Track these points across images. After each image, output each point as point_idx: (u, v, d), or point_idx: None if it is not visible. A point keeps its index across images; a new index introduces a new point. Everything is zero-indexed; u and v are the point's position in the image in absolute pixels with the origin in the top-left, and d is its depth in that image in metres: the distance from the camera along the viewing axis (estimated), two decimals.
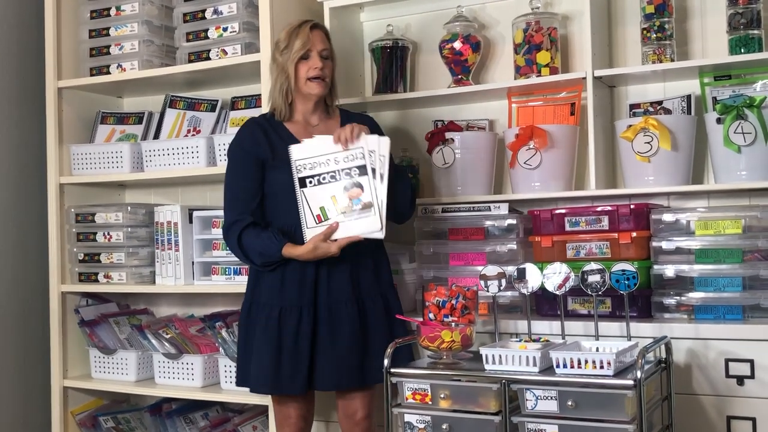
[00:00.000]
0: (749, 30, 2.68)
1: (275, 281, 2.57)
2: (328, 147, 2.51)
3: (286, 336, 2.53)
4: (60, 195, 3.48)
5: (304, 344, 2.52)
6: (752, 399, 2.37)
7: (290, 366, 2.52)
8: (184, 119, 3.44)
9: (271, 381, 2.54)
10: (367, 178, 2.49)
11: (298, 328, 2.53)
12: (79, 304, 3.54)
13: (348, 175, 2.50)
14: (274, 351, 2.53)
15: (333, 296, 2.55)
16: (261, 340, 2.56)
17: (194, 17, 3.28)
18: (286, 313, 2.54)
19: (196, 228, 3.27)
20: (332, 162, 2.50)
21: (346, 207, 2.49)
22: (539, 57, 2.93)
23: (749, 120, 2.59)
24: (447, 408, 2.26)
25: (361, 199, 2.49)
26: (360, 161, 2.50)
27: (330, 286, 2.55)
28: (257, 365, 2.56)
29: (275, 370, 2.53)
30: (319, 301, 2.55)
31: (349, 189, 2.49)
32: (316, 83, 2.60)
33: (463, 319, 2.41)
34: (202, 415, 3.43)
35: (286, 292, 2.55)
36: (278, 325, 2.54)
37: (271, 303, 2.57)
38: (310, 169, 2.50)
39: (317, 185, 2.50)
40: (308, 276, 2.54)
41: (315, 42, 2.60)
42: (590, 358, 2.13)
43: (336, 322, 2.54)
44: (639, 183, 2.76)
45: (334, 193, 2.49)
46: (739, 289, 2.53)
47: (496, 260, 2.85)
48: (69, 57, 3.52)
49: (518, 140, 2.87)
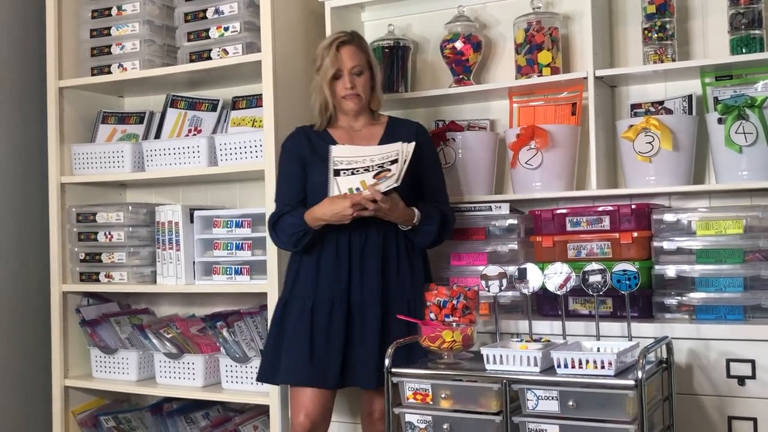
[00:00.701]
0: (750, 30, 2.68)
1: (311, 275, 2.62)
2: (367, 151, 2.60)
3: (318, 329, 2.58)
4: (61, 194, 3.48)
5: (336, 339, 2.56)
6: (753, 399, 2.37)
7: (323, 360, 2.56)
8: (185, 119, 3.44)
9: (303, 373, 2.56)
10: (396, 165, 2.55)
11: (330, 322, 2.57)
12: (80, 303, 3.54)
13: (380, 168, 2.56)
14: (306, 343, 2.57)
15: (364, 294, 2.59)
16: (294, 333, 2.60)
17: (195, 17, 3.28)
18: (318, 306, 2.59)
19: (197, 228, 3.27)
20: (368, 160, 2.59)
21: (373, 185, 2.54)
22: (540, 57, 2.93)
23: (750, 120, 2.59)
24: (448, 408, 2.26)
25: (386, 177, 2.54)
26: (394, 158, 2.56)
27: (362, 284, 2.59)
28: (289, 357, 2.59)
29: (308, 362, 2.56)
30: (352, 298, 2.59)
31: (378, 174, 2.56)
32: (349, 100, 2.66)
33: (464, 319, 2.41)
34: (203, 415, 3.43)
35: (320, 287, 2.61)
36: (311, 318, 2.59)
37: (304, 296, 2.62)
38: (347, 164, 2.59)
39: (351, 175, 2.57)
40: (342, 273, 2.59)
41: (344, 61, 2.63)
42: (591, 358, 2.13)
43: (366, 320, 2.58)
44: (640, 183, 2.76)
45: (364, 178, 2.56)
46: (740, 290, 2.53)
47: (497, 260, 2.85)
48: (70, 57, 3.52)
49: (519, 140, 2.87)
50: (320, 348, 2.57)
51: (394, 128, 2.73)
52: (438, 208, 2.68)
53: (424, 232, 2.64)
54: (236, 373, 3.17)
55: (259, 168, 3.06)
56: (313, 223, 2.58)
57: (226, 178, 3.43)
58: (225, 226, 3.20)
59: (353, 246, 2.61)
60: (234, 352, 3.16)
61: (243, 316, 3.19)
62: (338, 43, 2.65)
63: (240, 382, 3.17)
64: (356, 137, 2.70)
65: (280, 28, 3.07)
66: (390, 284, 2.61)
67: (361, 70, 2.66)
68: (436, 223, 2.64)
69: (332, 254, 2.61)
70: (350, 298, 2.59)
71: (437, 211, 2.66)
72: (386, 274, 2.61)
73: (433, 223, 2.64)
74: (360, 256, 2.60)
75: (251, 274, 3.14)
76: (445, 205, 2.74)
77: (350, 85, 2.64)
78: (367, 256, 2.60)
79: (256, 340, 3.15)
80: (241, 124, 3.28)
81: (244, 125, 3.27)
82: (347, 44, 2.66)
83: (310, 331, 2.58)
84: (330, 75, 2.63)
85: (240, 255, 3.16)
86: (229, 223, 3.19)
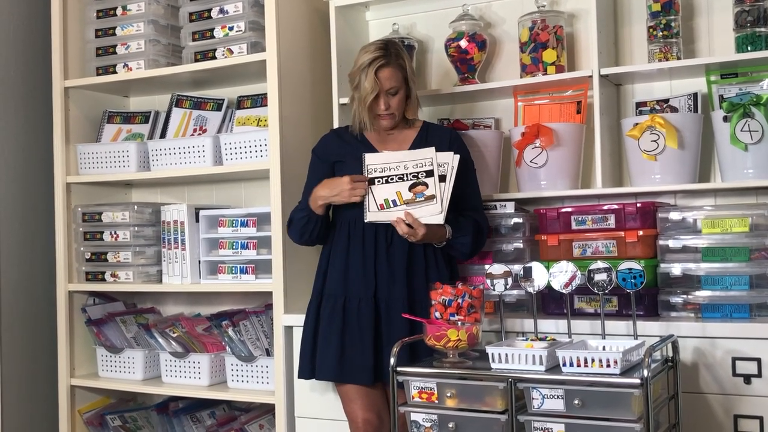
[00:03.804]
0: (756, 28, 2.67)
1: (340, 272, 2.65)
2: (400, 157, 2.62)
3: (350, 326, 2.60)
4: (67, 194, 3.49)
5: (367, 335, 2.58)
6: (759, 398, 2.37)
7: (355, 357, 2.58)
8: (190, 118, 3.44)
9: (337, 369, 2.60)
10: (433, 179, 2.57)
11: (359, 319, 2.60)
12: (86, 303, 3.55)
13: (415, 177, 2.59)
14: (339, 340, 2.60)
15: (392, 293, 2.60)
16: (327, 330, 2.63)
17: (200, 17, 3.28)
18: (349, 303, 2.62)
19: (203, 227, 3.28)
20: (401, 167, 2.61)
21: (410, 199, 2.58)
22: (545, 55, 2.92)
23: (756, 118, 2.59)
24: (453, 407, 2.26)
25: (424, 193, 2.57)
26: (429, 168, 2.58)
27: (389, 282, 2.61)
28: (324, 354, 2.62)
29: (340, 358, 2.59)
30: (379, 296, 2.61)
31: (414, 187, 2.59)
32: (384, 119, 2.67)
33: (470, 317, 2.40)
34: (209, 414, 3.44)
35: (349, 283, 2.63)
36: (343, 314, 2.61)
37: (336, 294, 2.65)
38: (381, 172, 2.61)
39: (385, 183, 2.60)
40: (368, 270, 2.61)
41: (383, 83, 2.62)
42: (597, 356, 2.12)
43: (392, 318, 2.59)
44: (645, 181, 2.76)
45: (399, 189, 2.59)
46: (746, 288, 2.52)
47: (503, 259, 2.85)
48: (75, 57, 3.53)
49: (524, 139, 2.87)
50: (351, 345, 2.59)
51: (428, 133, 2.73)
52: (471, 217, 2.67)
53: (460, 245, 2.65)
54: (242, 372, 3.18)
55: (264, 167, 3.06)
56: (314, 205, 2.61)
57: (231, 178, 3.44)
58: (230, 225, 3.20)
59: (379, 244, 2.62)
60: (239, 351, 3.16)
61: (248, 315, 3.19)
62: (377, 66, 2.60)
63: (245, 381, 3.17)
64: (388, 139, 2.72)
65: (284, 28, 3.07)
66: (417, 283, 2.62)
67: (397, 90, 2.65)
68: (470, 234, 2.64)
69: (359, 252, 2.63)
70: (377, 297, 2.61)
71: (470, 222, 2.66)
72: (413, 273, 2.62)
73: (467, 234, 2.64)
74: (386, 254, 2.62)
75: (257, 273, 3.15)
76: (479, 212, 2.73)
77: (385, 107, 2.64)
78: (394, 254, 2.62)
79: (262, 339, 3.15)
80: (246, 123, 3.28)
81: (249, 125, 3.28)
82: (385, 67, 2.61)
83: (342, 328, 2.61)
84: (369, 100, 2.62)
85: (245, 254, 3.17)
86: (234, 222, 3.20)
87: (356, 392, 2.62)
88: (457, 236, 2.63)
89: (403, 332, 2.54)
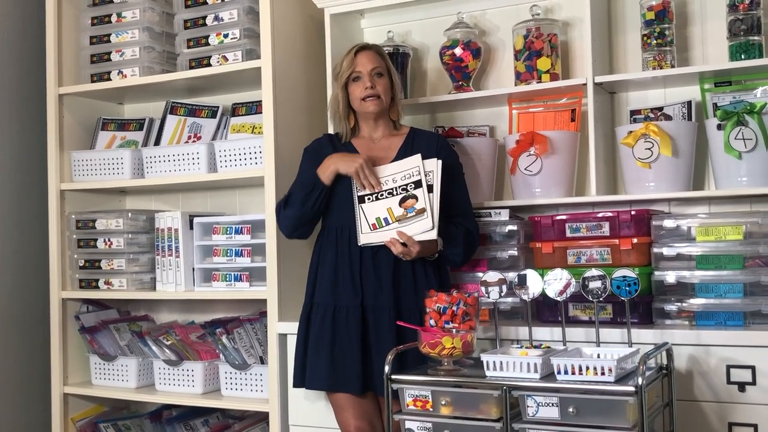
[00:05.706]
0: (749, 36, 2.68)
1: (328, 281, 2.64)
2: (388, 171, 2.62)
3: (339, 335, 2.60)
4: (61, 201, 3.48)
5: (355, 344, 2.57)
6: (754, 405, 2.37)
7: (344, 365, 2.57)
8: (184, 125, 3.44)
9: (327, 378, 2.59)
10: (422, 190, 2.57)
11: (346, 328, 2.59)
12: (80, 310, 3.54)
13: (404, 191, 2.59)
14: (328, 349, 2.59)
15: (378, 301, 2.60)
16: (317, 339, 2.63)
17: (195, 24, 3.28)
18: (338, 312, 2.61)
19: (197, 234, 3.27)
20: (390, 181, 2.61)
21: (402, 215, 2.58)
22: (540, 63, 2.93)
23: (750, 126, 2.59)
24: (448, 415, 2.26)
25: (415, 207, 2.57)
26: (416, 178, 2.58)
27: (376, 290, 2.60)
28: (314, 363, 2.62)
29: (331, 367, 2.58)
30: (366, 304, 2.60)
31: (405, 201, 2.59)
32: (370, 101, 2.66)
33: (464, 325, 2.40)
34: (203, 422, 3.42)
35: (338, 292, 2.63)
36: (332, 323, 2.61)
37: (325, 302, 2.64)
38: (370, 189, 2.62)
39: (375, 201, 2.61)
40: (355, 278, 2.61)
41: (363, 63, 2.65)
42: (591, 364, 2.12)
43: (380, 327, 2.58)
44: (640, 189, 2.76)
45: (390, 205, 2.59)
46: (740, 296, 2.53)
47: (497, 266, 2.85)
48: (70, 63, 3.52)
49: (519, 146, 2.87)
50: (341, 354, 2.58)
51: (415, 139, 2.72)
52: (462, 225, 2.67)
53: (452, 255, 2.65)
54: (236, 380, 3.17)
55: (259, 174, 3.06)
56: (325, 173, 2.60)
57: (225, 185, 3.44)
58: (224, 232, 3.20)
59: (365, 252, 2.62)
60: (233, 359, 3.15)
61: (242, 323, 3.18)
62: (357, 49, 2.67)
63: (239, 389, 3.16)
64: (375, 148, 2.71)
65: (279, 35, 3.07)
66: (404, 290, 2.61)
67: (382, 72, 2.67)
68: (461, 245, 2.64)
69: (346, 261, 2.62)
70: (364, 305, 2.60)
71: (460, 230, 2.65)
72: (400, 281, 2.61)
73: (458, 245, 2.64)
74: (372, 262, 2.61)
75: (251, 280, 3.14)
76: (469, 218, 2.73)
77: (370, 84, 2.63)
78: (380, 262, 2.61)
79: (256, 347, 3.14)
80: (241, 130, 3.28)
81: (243, 132, 3.27)
82: (366, 49, 2.68)
83: (331, 338, 2.60)
84: (346, 76, 2.64)
85: (239, 261, 3.16)
86: (228, 229, 3.20)
87: (348, 401, 2.61)
88: (449, 247, 2.63)
89: (392, 340, 2.54)
